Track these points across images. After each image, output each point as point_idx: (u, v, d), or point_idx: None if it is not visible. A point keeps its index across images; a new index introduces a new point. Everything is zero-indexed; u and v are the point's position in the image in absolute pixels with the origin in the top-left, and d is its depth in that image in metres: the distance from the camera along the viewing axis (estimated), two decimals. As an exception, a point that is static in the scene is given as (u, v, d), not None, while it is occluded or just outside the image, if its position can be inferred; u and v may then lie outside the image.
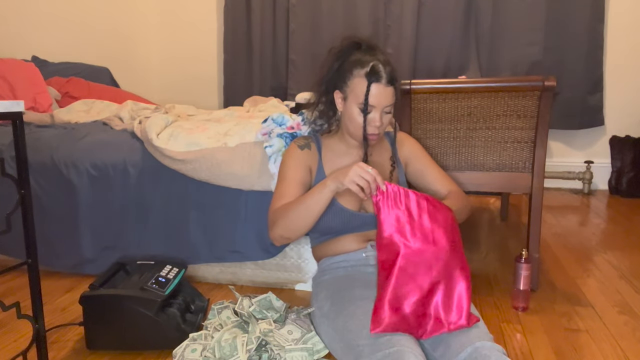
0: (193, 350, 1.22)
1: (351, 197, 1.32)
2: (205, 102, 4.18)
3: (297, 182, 1.32)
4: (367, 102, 1.23)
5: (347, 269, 1.31)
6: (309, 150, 1.38)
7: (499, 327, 1.42)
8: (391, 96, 1.25)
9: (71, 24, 3.34)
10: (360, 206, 1.33)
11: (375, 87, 1.22)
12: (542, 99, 1.62)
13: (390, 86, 1.23)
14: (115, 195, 1.80)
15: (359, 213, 1.32)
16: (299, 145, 1.39)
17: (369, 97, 1.23)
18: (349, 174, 1.12)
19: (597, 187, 3.60)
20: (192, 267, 1.81)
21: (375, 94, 1.22)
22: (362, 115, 1.26)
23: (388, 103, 1.25)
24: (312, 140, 1.42)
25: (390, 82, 1.23)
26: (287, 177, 1.33)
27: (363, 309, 1.10)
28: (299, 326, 1.28)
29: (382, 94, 1.23)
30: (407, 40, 3.57)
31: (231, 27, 4.01)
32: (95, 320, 1.32)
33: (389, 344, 0.98)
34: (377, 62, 1.23)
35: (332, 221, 1.31)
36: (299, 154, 1.37)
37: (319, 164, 1.37)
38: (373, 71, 1.21)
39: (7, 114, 1.05)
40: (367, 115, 1.25)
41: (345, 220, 1.30)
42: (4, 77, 2.37)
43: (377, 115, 1.25)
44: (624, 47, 3.41)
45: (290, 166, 1.35)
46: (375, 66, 1.22)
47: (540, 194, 1.68)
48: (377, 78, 1.21)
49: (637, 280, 1.79)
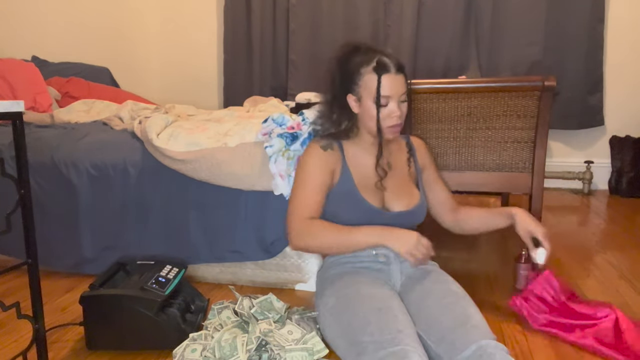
0: (193, 350, 1.22)
1: (374, 195, 1.32)
2: (205, 102, 4.18)
3: (320, 188, 1.29)
4: (379, 95, 1.24)
5: (355, 265, 1.30)
6: (332, 151, 1.33)
7: (499, 327, 1.42)
8: (403, 84, 1.26)
9: (71, 24, 3.34)
10: (383, 203, 1.34)
11: (385, 78, 1.24)
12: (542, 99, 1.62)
13: (401, 74, 1.25)
14: (115, 195, 1.80)
15: (383, 211, 1.32)
16: (322, 145, 1.34)
17: (382, 88, 1.24)
18: (406, 244, 1.18)
19: (597, 187, 3.60)
20: (192, 267, 1.81)
21: (387, 85, 1.24)
22: (383, 109, 1.27)
23: (402, 91, 1.26)
24: (333, 140, 1.38)
25: (399, 69, 1.25)
26: (309, 182, 1.30)
27: (368, 306, 1.10)
28: (299, 326, 1.28)
29: (394, 82, 1.24)
30: (407, 40, 3.57)
31: (231, 27, 4.01)
32: (95, 320, 1.32)
33: (393, 342, 0.99)
34: (382, 55, 1.25)
35: (356, 215, 1.29)
36: (321, 154, 1.32)
37: (343, 164, 1.34)
38: (380, 64, 1.24)
39: (7, 114, 1.05)
40: (385, 107, 1.26)
41: (369, 215, 1.29)
42: (4, 77, 2.37)
43: (394, 105, 1.26)
44: (624, 47, 3.41)
45: (312, 168, 1.31)
46: (381, 59, 1.24)
47: (540, 194, 1.68)
48: (385, 69, 1.24)
49: (637, 280, 1.79)
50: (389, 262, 1.29)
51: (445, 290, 1.19)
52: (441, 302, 1.15)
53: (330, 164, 1.32)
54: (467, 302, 1.15)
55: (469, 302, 1.15)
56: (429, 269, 1.30)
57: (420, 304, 1.17)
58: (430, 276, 1.26)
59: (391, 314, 1.07)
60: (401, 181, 1.38)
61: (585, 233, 2.43)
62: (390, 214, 1.32)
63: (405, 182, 1.39)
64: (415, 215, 1.35)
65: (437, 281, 1.23)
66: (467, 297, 1.18)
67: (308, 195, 1.28)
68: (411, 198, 1.36)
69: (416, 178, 1.43)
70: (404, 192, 1.36)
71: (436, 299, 1.16)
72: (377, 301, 1.12)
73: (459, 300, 1.15)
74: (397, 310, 1.10)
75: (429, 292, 1.19)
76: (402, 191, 1.36)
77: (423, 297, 1.19)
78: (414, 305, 1.18)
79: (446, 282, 1.23)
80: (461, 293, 1.19)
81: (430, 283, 1.22)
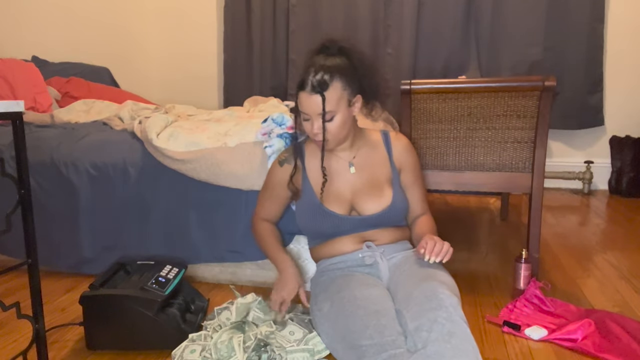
0: (192, 351, 1.22)
1: (339, 202, 1.33)
2: (205, 102, 4.18)
3: (275, 198, 1.47)
4: (297, 109, 1.28)
5: (344, 270, 1.32)
6: (288, 165, 1.41)
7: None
8: (317, 104, 1.22)
9: (71, 24, 3.34)
10: (350, 209, 1.34)
11: (301, 95, 1.25)
12: (542, 99, 1.62)
13: (315, 94, 1.21)
14: (115, 195, 1.80)
15: (349, 217, 1.32)
16: (280, 160, 1.43)
17: (299, 104, 1.26)
18: (279, 290, 1.35)
19: (597, 187, 3.60)
20: (192, 267, 1.81)
21: (301, 102, 1.25)
22: (306, 123, 1.29)
23: (316, 111, 1.23)
24: (293, 152, 1.42)
25: (315, 89, 1.21)
26: (268, 192, 1.48)
27: (365, 310, 1.10)
28: (300, 327, 1.28)
29: (307, 101, 1.23)
30: (407, 40, 3.57)
31: (231, 27, 4.01)
32: (95, 320, 1.32)
33: (395, 344, 0.98)
34: (311, 69, 1.22)
35: (323, 226, 1.33)
36: (277, 171, 1.43)
37: (304, 177, 1.39)
38: (301, 79, 1.23)
39: (7, 114, 1.05)
40: (307, 121, 1.28)
41: (336, 224, 1.32)
42: (4, 77, 2.37)
43: (309, 123, 1.27)
44: (624, 47, 3.41)
45: (270, 183, 1.47)
46: (305, 74, 1.23)
47: (540, 194, 1.68)
48: (302, 86, 1.23)
49: (637, 280, 1.79)
50: (376, 262, 1.31)
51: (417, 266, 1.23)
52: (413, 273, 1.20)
53: (285, 178, 1.41)
54: (437, 267, 1.21)
55: (439, 267, 1.22)
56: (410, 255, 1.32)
57: (397, 285, 1.21)
58: (409, 260, 1.29)
59: (389, 316, 1.07)
60: (372, 182, 1.36)
61: (585, 233, 2.43)
62: (358, 218, 1.32)
63: (376, 183, 1.36)
64: (385, 218, 1.33)
65: (413, 260, 1.28)
66: (439, 265, 1.23)
67: (264, 203, 1.50)
68: (381, 200, 1.34)
69: (391, 178, 1.39)
70: (374, 194, 1.34)
71: (409, 273, 1.21)
72: (373, 303, 1.12)
73: (428, 268, 1.21)
74: (394, 312, 1.10)
75: (403, 272, 1.24)
76: (371, 193, 1.34)
77: (400, 277, 1.23)
78: (394, 289, 1.22)
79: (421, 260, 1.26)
80: (436, 265, 1.23)
81: (407, 265, 1.27)
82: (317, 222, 1.34)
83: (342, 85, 1.23)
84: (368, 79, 1.30)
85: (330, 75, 1.21)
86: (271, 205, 1.49)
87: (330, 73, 1.21)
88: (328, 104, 1.22)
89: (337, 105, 1.23)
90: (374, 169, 1.38)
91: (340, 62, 1.24)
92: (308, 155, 1.41)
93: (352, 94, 1.27)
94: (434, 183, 1.78)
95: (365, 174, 1.37)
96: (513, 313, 1.49)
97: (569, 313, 1.48)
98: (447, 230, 2.49)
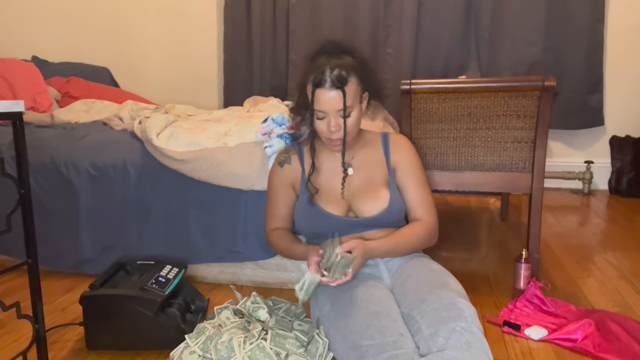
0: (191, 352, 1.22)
1: (336, 202, 1.32)
2: (205, 102, 4.18)
3: (282, 203, 1.43)
4: (312, 109, 1.26)
5: None
6: (289, 166, 1.41)
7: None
8: (338, 100, 1.22)
9: (71, 23, 3.34)
10: (347, 210, 1.33)
11: (319, 92, 1.23)
12: (542, 99, 1.62)
13: (336, 89, 1.22)
14: (115, 195, 1.80)
15: (346, 218, 1.32)
16: (279, 161, 1.43)
17: (316, 103, 1.24)
18: None
19: (597, 187, 3.60)
20: (192, 267, 1.81)
21: (320, 99, 1.23)
22: (320, 122, 1.28)
23: (337, 107, 1.23)
24: (293, 152, 1.43)
25: (335, 85, 1.21)
26: (273, 198, 1.45)
27: (366, 310, 1.10)
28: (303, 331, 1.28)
29: (327, 98, 1.23)
30: (407, 40, 3.57)
31: (231, 27, 4.01)
32: (95, 320, 1.32)
33: (395, 345, 0.98)
34: (326, 67, 1.22)
35: (319, 227, 1.32)
36: (278, 172, 1.43)
37: (302, 177, 1.39)
38: (317, 77, 1.22)
39: (7, 114, 1.05)
40: (322, 120, 1.27)
41: (332, 225, 1.31)
42: (4, 77, 2.37)
43: (326, 121, 1.26)
44: (624, 47, 3.41)
45: (273, 186, 1.44)
46: (320, 72, 1.22)
47: (540, 194, 1.68)
48: (320, 83, 1.22)
49: (637, 280, 1.79)
50: (376, 263, 1.32)
51: (426, 271, 1.23)
52: (423, 278, 1.20)
53: (288, 178, 1.41)
54: (447, 275, 1.21)
55: (448, 275, 1.21)
56: (412, 258, 1.32)
57: (405, 287, 1.20)
58: (412, 262, 1.30)
59: (390, 317, 1.07)
60: (369, 183, 1.35)
61: (585, 233, 2.43)
62: (354, 220, 1.31)
63: (373, 185, 1.34)
64: (382, 220, 1.32)
65: (419, 265, 1.27)
66: (447, 272, 1.24)
67: (274, 211, 1.44)
68: (378, 202, 1.31)
69: (387, 179, 1.37)
70: (370, 196, 1.33)
71: (418, 278, 1.21)
72: (374, 304, 1.12)
73: (439, 275, 1.20)
74: (395, 313, 1.10)
75: (410, 275, 1.24)
76: (368, 195, 1.33)
77: (407, 281, 1.22)
78: (400, 291, 1.21)
79: (428, 265, 1.27)
80: (441, 270, 1.24)
81: (412, 268, 1.26)
82: (313, 222, 1.33)
83: (357, 82, 1.25)
84: (371, 77, 1.32)
85: (347, 71, 1.23)
86: (279, 211, 1.43)
87: (346, 69, 1.23)
88: (347, 99, 1.23)
89: (354, 101, 1.25)
90: (372, 170, 1.38)
91: (350, 61, 1.26)
92: (307, 155, 1.41)
93: (362, 91, 1.29)
94: (434, 183, 1.78)
95: (363, 175, 1.37)
96: (513, 313, 1.49)
97: (569, 313, 1.48)
98: (447, 230, 2.49)
